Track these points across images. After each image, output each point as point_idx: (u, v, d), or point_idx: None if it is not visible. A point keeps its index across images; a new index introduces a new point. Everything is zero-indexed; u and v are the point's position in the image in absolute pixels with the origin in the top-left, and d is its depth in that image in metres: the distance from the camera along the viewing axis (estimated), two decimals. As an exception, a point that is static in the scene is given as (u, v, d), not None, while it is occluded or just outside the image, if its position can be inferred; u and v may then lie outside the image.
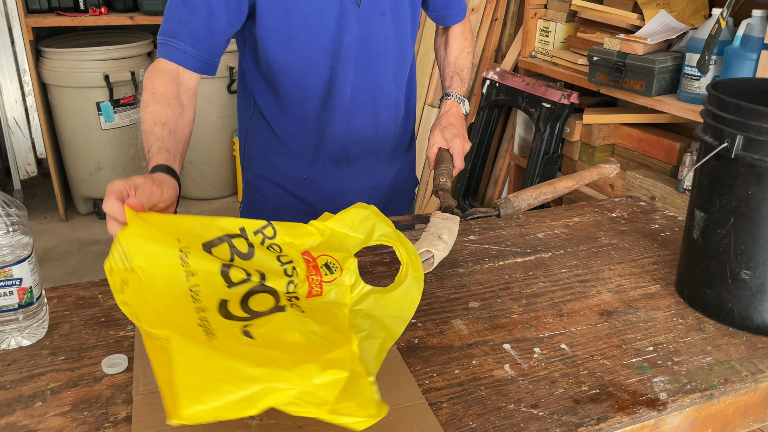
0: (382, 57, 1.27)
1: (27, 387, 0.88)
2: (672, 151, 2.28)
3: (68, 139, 3.20)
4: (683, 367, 0.93)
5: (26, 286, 0.93)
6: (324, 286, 0.86)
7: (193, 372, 0.65)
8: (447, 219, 1.07)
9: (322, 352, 0.72)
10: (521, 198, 1.12)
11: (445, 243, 1.01)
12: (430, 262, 0.99)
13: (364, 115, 1.31)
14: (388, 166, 1.41)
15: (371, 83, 1.28)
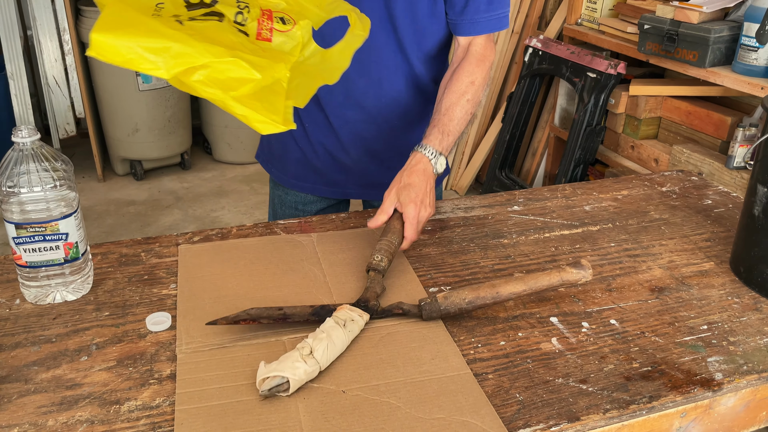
0: (389, 27, 1.17)
1: (72, 341, 0.88)
2: (723, 125, 2.19)
3: (106, 99, 3.22)
4: (739, 348, 0.90)
5: (72, 241, 0.93)
6: (275, 33, 0.86)
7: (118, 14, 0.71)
8: (345, 323, 0.86)
9: (249, 54, 0.74)
10: (451, 301, 0.91)
11: (315, 363, 0.79)
12: (285, 388, 0.76)
13: (366, 81, 1.22)
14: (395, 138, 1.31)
15: (374, 50, 1.17)
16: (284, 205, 1.42)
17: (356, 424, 0.73)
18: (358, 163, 1.33)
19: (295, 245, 1.12)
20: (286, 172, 1.39)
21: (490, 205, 1.31)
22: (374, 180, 1.33)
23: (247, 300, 0.94)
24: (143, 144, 3.31)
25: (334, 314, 0.88)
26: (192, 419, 0.73)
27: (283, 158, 1.38)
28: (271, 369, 0.77)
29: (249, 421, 0.73)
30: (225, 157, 3.64)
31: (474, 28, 1.18)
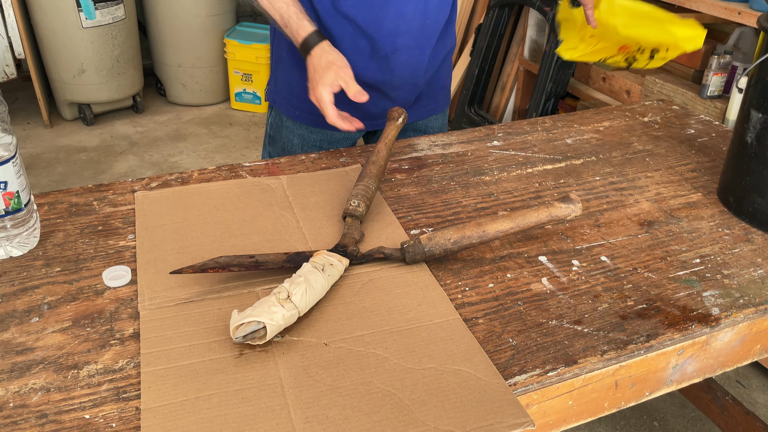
0: None
1: (21, 301, 0.80)
2: (696, 54, 2.14)
3: (47, 38, 2.98)
4: (734, 281, 0.87)
5: (12, 190, 0.83)
6: None
7: None
8: (324, 267, 0.80)
9: None
10: (435, 242, 0.85)
11: (293, 307, 0.73)
12: (261, 335, 0.70)
13: (414, 4, 1.18)
14: (430, 60, 1.27)
15: None
16: (308, 144, 1.32)
17: (341, 378, 0.67)
18: (399, 90, 1.26)
19: (264, 189, 1.03)
20: (305, 110, 1.27)
21: (468, 140, 1.24)
22: (409, 103, 1.30)
23: (214, 249, 0.87)
24: (91, 86, 3.10)
25: (311, 259, 0.81)
26: (160, 381, 0.67)
27: (304, 97, 1.24)
28: (246, 315, 0.71)
29: (224, 381, 0.67)
30: (180, 98, 3.46)
31: None
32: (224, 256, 0.82)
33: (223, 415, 0.63)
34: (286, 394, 0.65)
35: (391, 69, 1.22)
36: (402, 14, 1.17)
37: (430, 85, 1.33)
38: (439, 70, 1.33)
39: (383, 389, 0.66)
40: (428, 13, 1.21)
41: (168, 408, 0.63)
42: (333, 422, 0.62)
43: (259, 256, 0.83)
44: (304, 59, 1.13)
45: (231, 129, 3.26)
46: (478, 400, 0.65)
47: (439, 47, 1.27)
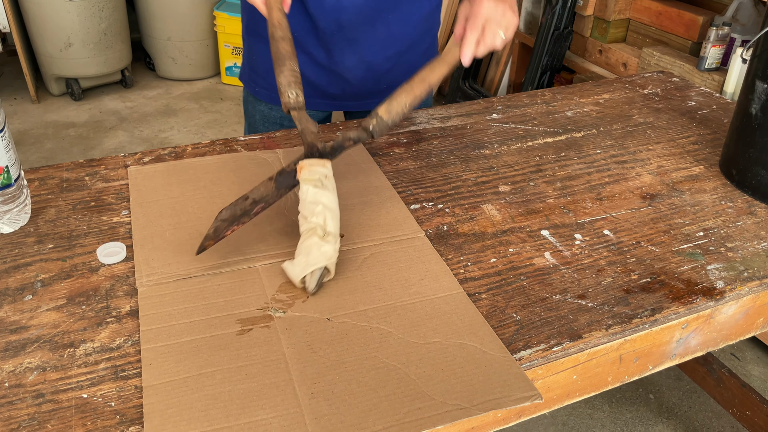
0: None
1: (13, 279, 0.78)
2: (694, 25, 2.12)
3: (32, 11, 2.91)
4: (738, 254, 0.86)
5: (1, 165, 0.80)
6: None
7: None
8: (322, 182, 0.79)
9: None
10: (394, 111, 0.86)
11: (334, 237, 0.76)
12: (327, 277, 0.75)
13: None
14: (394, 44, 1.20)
15: None
16: (268, 122, 1.29)
17: (346, 353, 0.66)
18: (353, 73, 1.20)
19: (260, 163, 1.01)
20: (268, 86, 1.24)
21: (467, 113, 1.22)
22: (371, 89, 1.23)
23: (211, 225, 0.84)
24: (78, 60, 3.04)
25: (303, 178, 0.79)
26: (161, 359, 0.65)
27: (271, 72, 1.22)
28: (305, 264, 0.73)
29: (227, 357, 0.65)
30: (170, 73, 3.40)
31: None
32: (224, 210, 0.79)
33: (227, 391, 0.61)
34: (291, 369, 0.64)
35: (340, 50, 1.15)
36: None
37: (402, 66, 1.22)
38: (412, 49, 1.22)
39: (389, 364, 0.65)
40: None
41: (170, 385, 0.62)
42: (339, 397, 0.61)
43: (251, 194, 0.80)
44: (259, 31, 1.11)
45: (222, 104, 3.22)
46: (484, 373, 0.64)
47: (401, 24, 1.17)
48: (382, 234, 0.86)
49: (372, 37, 1.18)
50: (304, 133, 0.87)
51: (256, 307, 0.72)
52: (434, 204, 0.94)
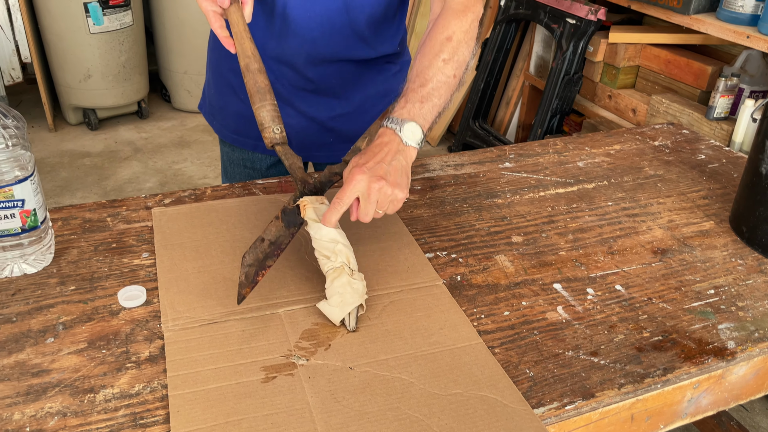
0: None
1: (36, 320, 0.79)
2: (703, 75, 2.15)
3: (54, 43, 2.98)
4: (748, 313, 0.87)
5: (29, 208, 0.83)
6: None
7: None
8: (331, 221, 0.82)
9: None
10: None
11: (360, 275, 0.81)
12: (363, 311, 0.81)
13: (299, 41, 1.07)
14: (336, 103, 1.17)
15: (307, 1, 1.03)
16: (233, 163, 1.29)
17: (369, 404, 0.67)
18: (297, 122, 1.17)
19: (280, 206, 1.03)
20: (227, 126, 1.24)
21: (480, 161, 1.24)
22: (315, 141, 1.20)
23: (234, 269, 0.86)
24: (96, 91, 3.10)
25: (309, 218, 0.82)
26: (189, 406, 0.66)
27: (224, 111, 1.23)
28: (342, 304, 0.77)
29: (253, 405, 0.66)
30: (185, 105, 3.46)
31: None
32: (246, 255, 0.80)
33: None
34: (315, 419, 0.65)
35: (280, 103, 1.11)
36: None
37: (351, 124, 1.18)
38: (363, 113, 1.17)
39: (411, 415, 0.66)
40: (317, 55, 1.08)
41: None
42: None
43: (265, 235, 0.82)
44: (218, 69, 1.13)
45: (235, 137, 3.26)
46: (506, 428, 0.65)
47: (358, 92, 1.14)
48: (401, 281, 0.87)
49: (319, 99, 1.15)
50: (292, 168, 0.88)
51: (280, 354, 0.73)
52: (448, 253, 0.96)
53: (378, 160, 0.82)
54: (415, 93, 0.89)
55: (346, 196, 0.80)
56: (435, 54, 0.92)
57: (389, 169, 0.82)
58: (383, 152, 0.83)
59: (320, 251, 0.81)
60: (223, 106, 1.23)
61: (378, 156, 0.82)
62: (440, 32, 0.94)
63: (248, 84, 0.89)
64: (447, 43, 0.93)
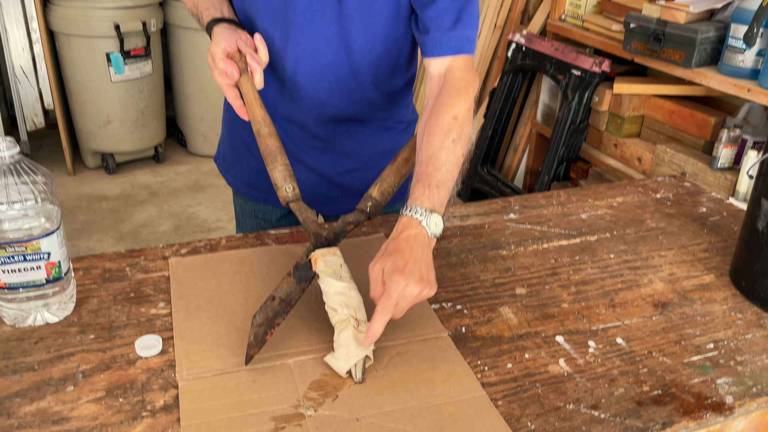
0: (335, 45, 1.06)
1: (57, 369, 0.83)
2: (706, 125, 2.20)
3: (76, 90, 3.10)
4: (747, 368, 0.89)
5: (54, 260, 0.87)
6: None
7: None
8: (339, 273, 0.85)
9: None
10: (386, 192, 0.95)
11: (366, 324, 0.83)
12: (371, 363, 0.84)
13: (309, 103, 1.13)
14: (344, 161, 1.22)
15: (319, 72, 1.08)
16: (245, 214, 1.34)
17: (371, 457, 0.70)
18: (307, 177, 1.22)
19: (291, 256, 1.07)
20: (240, 179, 1.30)
21: (485, 213, 1.28)
22: (324, 195, 1.25)
23: (247, 318, 0.90)
24: (115, 137, 3.20)
25: (320, 270, 0.86)
26: (195, 456, 0.69)
27: (237, 164, 1.29)
28: (347, 356, 0.80)
29: (256, 457, 0.69)
30: (200, 149, 3.55)
31: (439, 48, 1.01)
32: (257, 315, 0.84)
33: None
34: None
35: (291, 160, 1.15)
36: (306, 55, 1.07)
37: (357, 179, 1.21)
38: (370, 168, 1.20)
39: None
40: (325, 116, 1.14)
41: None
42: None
43: (276, 293, 0.86)
44: (232, 126, 1.21)
45: (248, 181, 3.34)
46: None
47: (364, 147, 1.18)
48: (407, 333, 0.90)
49: (328, 156, 1.20)
50: (306, 223, 0.93)
51: (289, 404, 0.76)
52: (453, 304, 0.99)
53: (414, 260, 0.82)
54: (431, 178, 0.90)
55: (390, 304, 0.80)
56: (444, 135, 0.94)
57: (424, 270, 0.83)
58: (416, 250, 0.84)
59: (329, 304, 0.85)
60: (237, 160, 1.29)
61: (413, 255, 0.83)
62: (446, 111, 0.96)
63: (261, 147, 0.96)
64: (454, 123, 0.96)
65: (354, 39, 1.06)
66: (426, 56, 1.04)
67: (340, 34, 1.06)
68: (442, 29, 1.01)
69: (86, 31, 2.93)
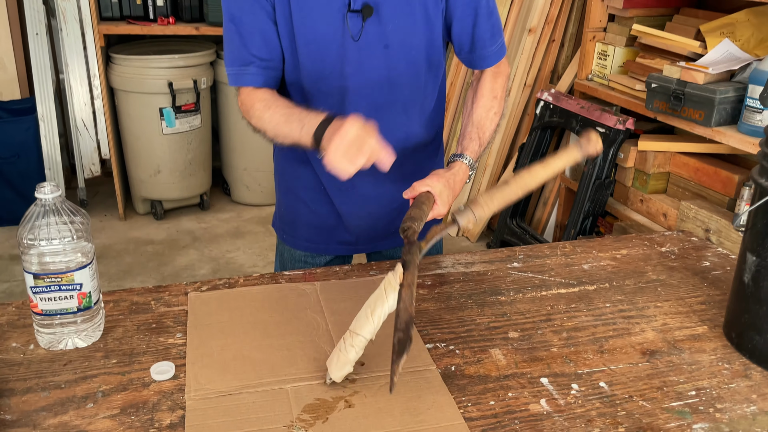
0: (385, 88, 1.23)
1: (80, 388, 0.93)
2: (730, 183, 2.21)
3: (131, 141, 3.34)
4: (725, 415, 0.91)
5: (86, 291, 0.99)
6: None
7: None
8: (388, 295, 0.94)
9: None
10: (485, 207, 1.07)
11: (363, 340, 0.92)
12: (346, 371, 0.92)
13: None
14: (396, 192, 1.32)
15: (373, 112, 1.21)
16: (293, 260, 1.46)
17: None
18: (365, 221, 1.37)
19: (300, 294, 1.16)
20: (299, 236, 1.42)
21: (490, 261, 1.34)
22: (381, 232, 1.39)
23: (253, 348, 0.99)
24: (164, 185, 3.41)
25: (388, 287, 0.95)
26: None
27: (294, 223, 1.42)
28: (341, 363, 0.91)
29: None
30: (243, 198, 3.73)
31: (485, 61, 1.30)
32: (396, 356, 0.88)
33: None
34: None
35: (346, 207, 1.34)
36: None
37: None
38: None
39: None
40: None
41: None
42: None
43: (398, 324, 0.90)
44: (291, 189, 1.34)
45: (286, 229, 3.48)
46: None
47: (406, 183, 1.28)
48: (397, 367, 0.97)
49: (379, 196, 1.34)
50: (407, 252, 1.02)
51: (283, 424, 0.84)
52: (447, 345, 1.05)
53: (456, 193, 1.19)
54: (479, 139, 1.27)
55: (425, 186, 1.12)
56: (488, 109, 1.28)
57: (456, 184, 1.19)
58: (459, 182, 1.20)
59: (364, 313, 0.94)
60: (294, 218, 1.42)
61: (456, 185, 1.19)
62: (488, 91, 1.30)
63: None
64: (494, 100, 1.29)
65: (401, 74, 1.24)
66: (472, 68, 1.32)
67: (387, 75, 1.23)
68: (486, 47, 1.28)
69: (142, 88, 3.18)
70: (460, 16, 1.24)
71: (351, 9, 1.15)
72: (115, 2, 3.21)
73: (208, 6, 3.24)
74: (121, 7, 3.23)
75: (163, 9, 3.28)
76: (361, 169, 1.02)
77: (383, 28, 1.18)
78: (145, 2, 3.25)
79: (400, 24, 1.19)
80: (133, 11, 3.25)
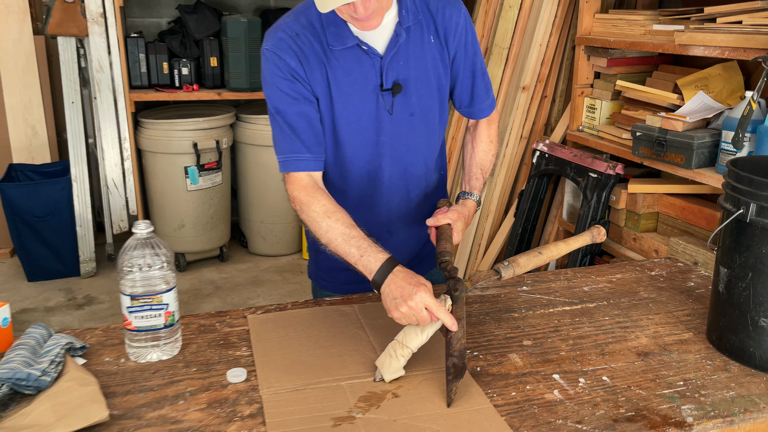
0: (412, 148, 1.44)
1: (171, 390, 1.11)
2: (713, 219, 2.43)
3: (157, 199, 3.57)
4: (708, 399, 1.10)
5: (171, 310, 1.18)
6: None
7: None
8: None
9: None
10: (522, 267, 1.27)
11: (410, 351, 1.12)
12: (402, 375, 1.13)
13: (400, 196, 1.48)
14: (422, 229, 1.51)
15: (404, 170, 1.45)
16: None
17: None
18: (400, 255, 1.52)
19: (341, 314, 1.36)
20: (338, 281, 1.56)
21: (502, 285, 1.54)
22: (413, 262, 1.57)
23: (309, 356, 1.18)
24: (187, 238, 3.62)
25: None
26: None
27: (333, 270, 1.56)
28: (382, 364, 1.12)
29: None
30: (260, 249, 3.93)
31: (482, 113, 1.54)
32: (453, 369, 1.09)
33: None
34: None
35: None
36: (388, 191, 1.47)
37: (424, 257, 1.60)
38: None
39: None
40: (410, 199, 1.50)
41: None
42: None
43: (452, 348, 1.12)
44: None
45: (302, 276, 3.67)
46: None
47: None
48: (433, 365, 1.17)
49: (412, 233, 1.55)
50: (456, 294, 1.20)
51: (344, 410, 1.03)
52: (471, 351, 1.24)
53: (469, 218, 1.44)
54: (481, 178, 1.51)
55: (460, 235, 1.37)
56: (486, 151, 1.54)
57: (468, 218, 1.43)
58: (471, 215, 1.44)
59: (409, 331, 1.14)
60: (332, 267, 1.54)
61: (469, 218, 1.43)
62: (486, 137, 1.54)
63: None
64: (491, 144, 1.55)
65: (422, 134, 1.45)
66: (470, 118, 1.57)
67: (413, 137, 1.44)
68: (482, 101, 1.51)
69: (169, 149, 3.44)
70: (461, 78, 1.48)
71: (384, 89, 1.38)
72: (144, 72, 3.50)
73: (230, 74, 3.53)
74: (149, 77, 3.53)
75: (188, 77, 3.57)
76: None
77: (408, 99, 1.40)
78: (171, 72, 3.55)
79: (421, 94, 1.42)
80: (161, 80, 3.54)
